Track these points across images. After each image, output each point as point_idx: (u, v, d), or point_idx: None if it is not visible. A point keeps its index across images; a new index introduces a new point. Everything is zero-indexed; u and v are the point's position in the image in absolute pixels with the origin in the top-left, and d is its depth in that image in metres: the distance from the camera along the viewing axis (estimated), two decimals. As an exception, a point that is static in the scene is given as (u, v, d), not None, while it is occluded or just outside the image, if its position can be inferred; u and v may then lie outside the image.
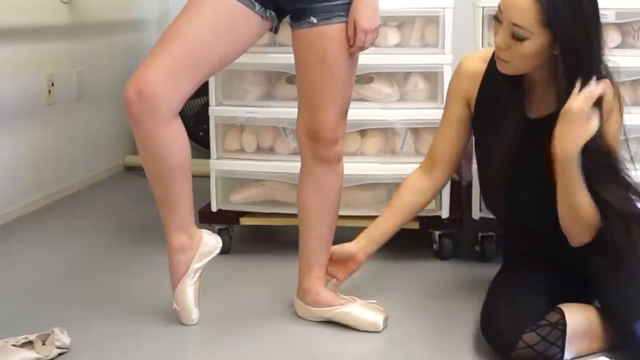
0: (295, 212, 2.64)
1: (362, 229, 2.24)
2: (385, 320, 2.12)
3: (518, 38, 1.85)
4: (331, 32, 1.99)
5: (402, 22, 2.65)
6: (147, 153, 2.01)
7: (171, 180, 2.03)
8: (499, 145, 2.01)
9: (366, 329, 2.10)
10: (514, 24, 1.84)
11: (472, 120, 2.15)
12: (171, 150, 1.99)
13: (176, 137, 2.00)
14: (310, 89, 2.06)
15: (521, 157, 1.99)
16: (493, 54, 2.02)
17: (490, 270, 2.28)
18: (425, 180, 2.22)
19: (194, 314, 2.14)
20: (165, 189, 2.05)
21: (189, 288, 2.11)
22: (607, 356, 1.89)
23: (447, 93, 2.22)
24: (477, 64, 2.12)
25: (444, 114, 2.21)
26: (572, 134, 1.82)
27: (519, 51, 1.87)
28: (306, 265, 2.18)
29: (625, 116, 2.55)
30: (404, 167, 2.58)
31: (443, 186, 2.28)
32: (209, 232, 2.17)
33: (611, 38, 2.50)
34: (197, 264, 2.13)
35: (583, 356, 1.90)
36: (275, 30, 2.09)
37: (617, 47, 2.52)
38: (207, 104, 2.70)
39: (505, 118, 1.99)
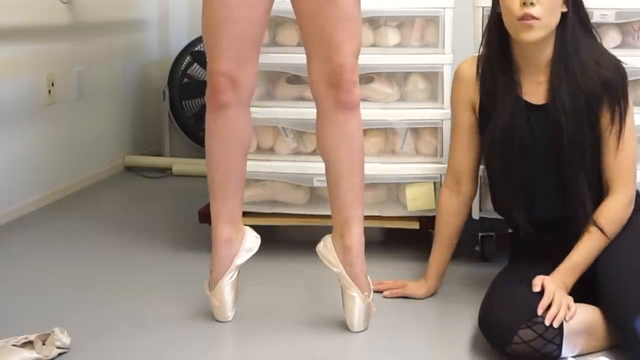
0: (295, 212, 2.67)
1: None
2: (360, 331, 2.09)
3: None
4: None
5: (402, 22, 2.65)
6: (224, 139, 2.08)
7: (237, 166, 2.11)
8: (497, 129, 2.06)
9: (345, 318, 2.09)
10: None
11: (479, 126, 2.18)
12: (246, 132, 2.11)
13: (251, 121, 2.13)
14: (322, 34, 2.00)
15: (527, 148, 2.04)
16: (478, 59, 2.14)
17: (490, 270, 2.28)
18: (457, 199, 2.27)
19: (230, 312, 2.14)
20: (228, 176, 2.10)
21: (229, 285, 2.11)
22: (607, 356, 1.89)
23: (452, 102, 2.25)
24: (470, 68, 2.17)
25: (453, 124, 2.25)
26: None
27: (549, 2, 1.93)
28: (344, 223, 2.09)
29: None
30: (404, 167, 2.59)
31: (474, 196, 2.31)
32: (250, 228, 2.18)
33: (611, 38, 2.50)
34: (239, 261, 2.13)
35: (582, 355, 1.90)
36: None
37: (617, 47, 2.52)
38: (207, 104, 2.70)
39: (502, 102, 2.06)
